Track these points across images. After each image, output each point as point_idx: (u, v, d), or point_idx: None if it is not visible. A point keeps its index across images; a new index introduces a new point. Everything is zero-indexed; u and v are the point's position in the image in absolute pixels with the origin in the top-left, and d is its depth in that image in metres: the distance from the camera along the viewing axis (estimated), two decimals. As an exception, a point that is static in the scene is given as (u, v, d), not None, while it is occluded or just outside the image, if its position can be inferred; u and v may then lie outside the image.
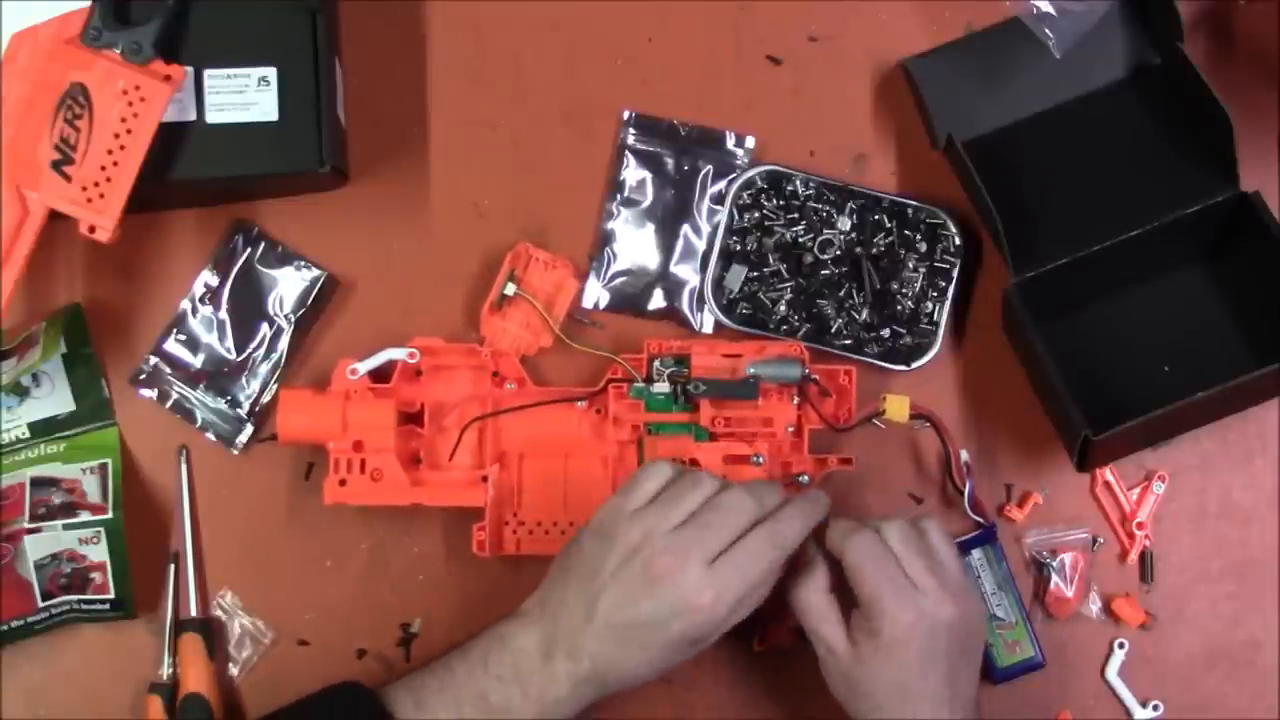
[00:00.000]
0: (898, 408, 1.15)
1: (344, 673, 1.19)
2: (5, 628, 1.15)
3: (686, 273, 1.22)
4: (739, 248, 1.21)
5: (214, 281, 1.21)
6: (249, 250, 1.21)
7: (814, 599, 1.05)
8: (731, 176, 1.22)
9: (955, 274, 1.20)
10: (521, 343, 1.18)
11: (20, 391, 1.19)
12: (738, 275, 1.21)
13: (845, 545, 1.04)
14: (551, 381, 1.20)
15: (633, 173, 1.22)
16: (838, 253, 1.21)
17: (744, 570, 1.02)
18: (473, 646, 1.06)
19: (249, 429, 1.20)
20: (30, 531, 1.15)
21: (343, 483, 1.14)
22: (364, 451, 1.14)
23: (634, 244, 1.22)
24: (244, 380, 1.20)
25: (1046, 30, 1.20)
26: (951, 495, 1.20)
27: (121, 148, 1.10)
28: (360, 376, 1.15)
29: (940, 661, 1.03)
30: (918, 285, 1.20)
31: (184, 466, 1.20)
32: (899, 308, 1.20)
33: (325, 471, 1.15)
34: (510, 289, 1.18)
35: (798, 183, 1.21)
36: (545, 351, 1.19)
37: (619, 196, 1.22)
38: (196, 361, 1.20)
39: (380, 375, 1.16)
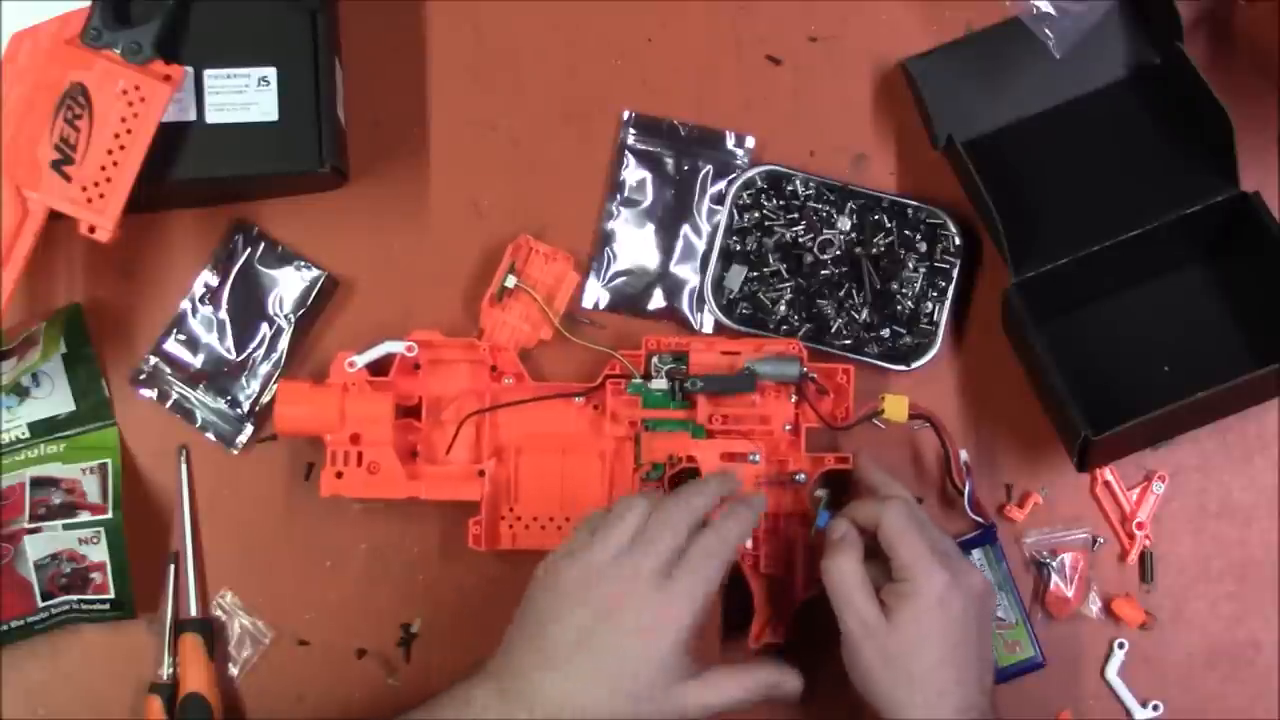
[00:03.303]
0: (896, 408, 1.15)
1: (344, 673, 1.20)
2: (5, 628, 1.16)
3: (686, 273, 1.22)
4: (739, 248, 1.21)
5: (214, 281, 1.21)
6: (249, 250, 1.21)
7: (848, 568, 1.06)
8: (731, 176, 1.22)
9: (955, 274, 1.20)
10: (521, 335, 1.18)
11: (20, 391, 1.19)
12: (738, 275, 1.21)
13: (881, 513, 1.06)
14: (550, 377, 1.20)
15: (633, 173, 1.23)
16: (838, 253, 1.21)
17: (700, 573, 1.02)
18: (437, 704, 1.04)
19: (249, 429, 1.20)
20: (30, 531, 1.15)
21: (339, 475, 1.15)
22: (361, 444, 1.15)
23: (634, 244, 1.22)
24: (244, 380, 1.20)
25: (1046, 30, 1.20)
26: (951, 495, 1.20)
27: (121, 148, 1.10)
28: (358, 369, 1.15)
29: (972, 631, 1.05)
30: (918, 285, 1.20)
31: (184, 466, 1.20)
32: (899, 308, 1.20)
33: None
34: (511, 281, 1.18)
35: (798, 183, 1.21)
36: (544, 346, 1.20)
37: (619, 196, 1.22)
38: (196, 361, 1.21)
39: (378, 369, 1.16)
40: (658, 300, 1.22)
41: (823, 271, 1.20)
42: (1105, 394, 1.14)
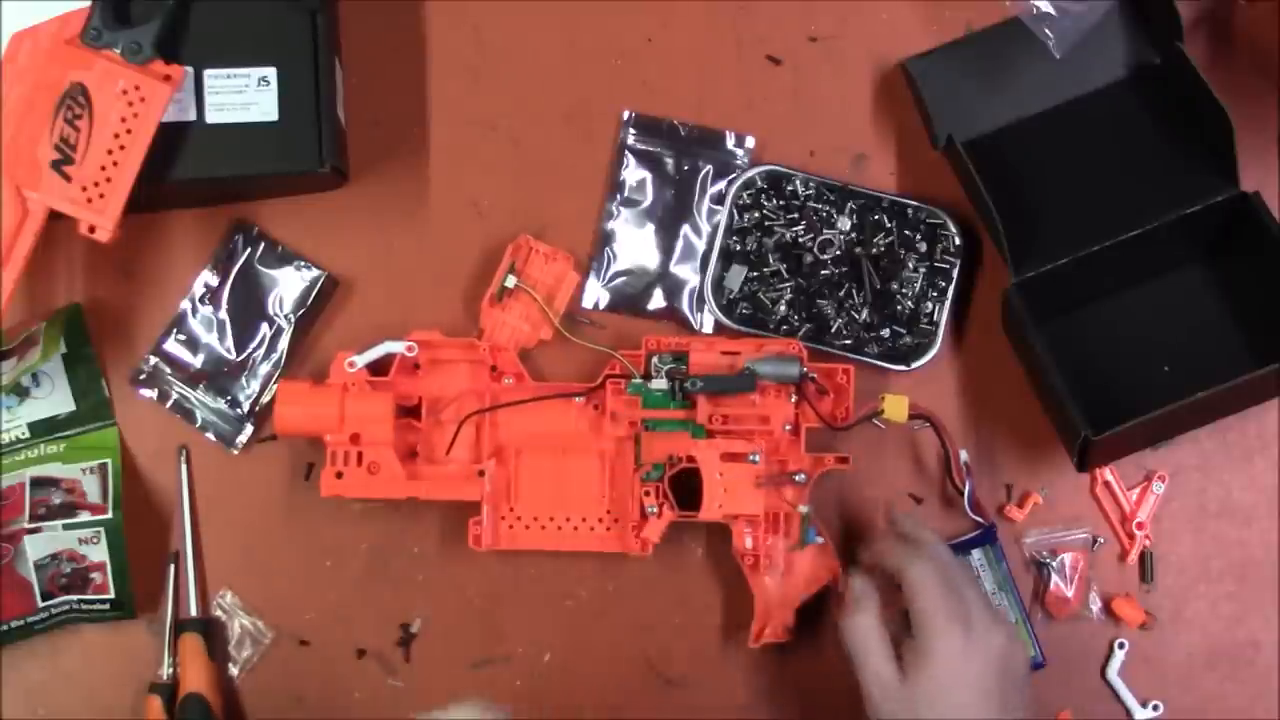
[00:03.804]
0: (896, 408, 1.15)
1: (344, 673, 1.20)
2: (5, 628, 1.16)
3: (686, 273, 1.22)
4: (739, 248, 1.21)
5: (214, 281, 1.21)
6: (249, 250, 1.21)
7: (864, 625, 1.06)
8: (731, 176, 1.22)
9: (955, 274, 1.20)
10: (521, 335, 1.18)
11: (20, 391, 1.19)
12: (738, 275, 1.21)
13: (907, 565, 1.06)
14: (550, 377, 1.20)
15: (633, 173, 1.22)
16: (838, 253, 1.21)
17: None
18: None
19: (249, 429, 1.20)
20: (30, 531, 1.15)
21: (339, 475, 1.14)
22: (361, 444, 1.14)
23: (634, 244, 1.22)
24: (244, 380, 1.20)
25: (1046, 30, 1.20)
26: (951, 495, 1.20)
27: (121, 148, 1.10)
28: (358, 369, 1.15)
29: (994, 690, 1.04)
30: (918, 285, 1.20)
31: (184, 466, 1.20)
32: (899, 308, 1.20)
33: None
34: (511, 281, 1.18)
35: (798, 183, 1.21)
36: (544, 346, 1.19)
37: (619, 196, 1.22)
38: (196, 361, 1.21)
39: (378, 369, 1.16)
40: (658, 300, 1.22)
41: (823, 271, 1.20)
42: (1105, 394, 1.14)
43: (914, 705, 1.03)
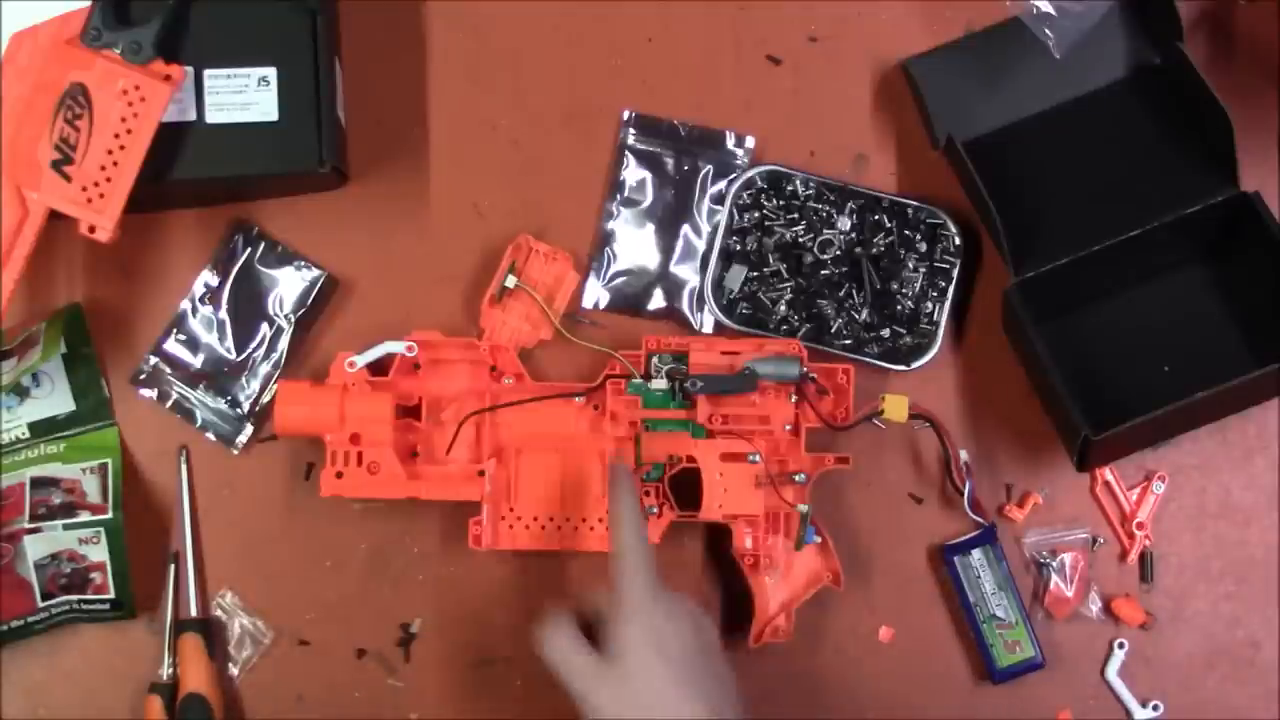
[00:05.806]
0: (897, 408, 1.15)
1: (344, 673, 1.20)
2: (5, 628, 1.16)
3: (686, 273, 1.22)
4: (739, 248, 1.21)
5: (214, 281, 1.21)
6: (249, 250, 1.21)
7: (560, 635, 1.05)
8: (731, 176, 1.22)
9: (955, 274, 1.20)
10: (521, 335, 1.18)
11: (20, 391, 1.19)
12: (738, 275, 1.21)
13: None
14: (550, 377, 1.20)
15: (633, 173, 1.22)
16: (838, 253, 1.21)
17: None
18: None
19: (249, 429, 1.20)
20: (30, 531, 1.15)
21: (339, 475, 1.14)
22: (361, 444, 1.14)
23: (634, 244, 1.22)
24: (244, 380, 1.20)
25: (1046, 30, 1.20)
26: (951, 495, 1.20)
27: (121, 148, 1.10)
28: (358, 369, 1.15)
29: (685, 679, 1.02)
30: (918, 285, 1.20)
31: (184, 466, 1.20)
32: (899, 308, 1.20)
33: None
34: (511, 281, 1.18)
35: (798, 183, 1.21)
36: (544, 346, 1.20)
37: (619, 196, 1.22)
38: (196, 361, 1.20)
39: (378, 369, 1.16)
40: (658, 300, 1.22)
41: (823, 271, 1.20)
42: (1105, 394, 1.14)
43: (616, 679, 1.02)
